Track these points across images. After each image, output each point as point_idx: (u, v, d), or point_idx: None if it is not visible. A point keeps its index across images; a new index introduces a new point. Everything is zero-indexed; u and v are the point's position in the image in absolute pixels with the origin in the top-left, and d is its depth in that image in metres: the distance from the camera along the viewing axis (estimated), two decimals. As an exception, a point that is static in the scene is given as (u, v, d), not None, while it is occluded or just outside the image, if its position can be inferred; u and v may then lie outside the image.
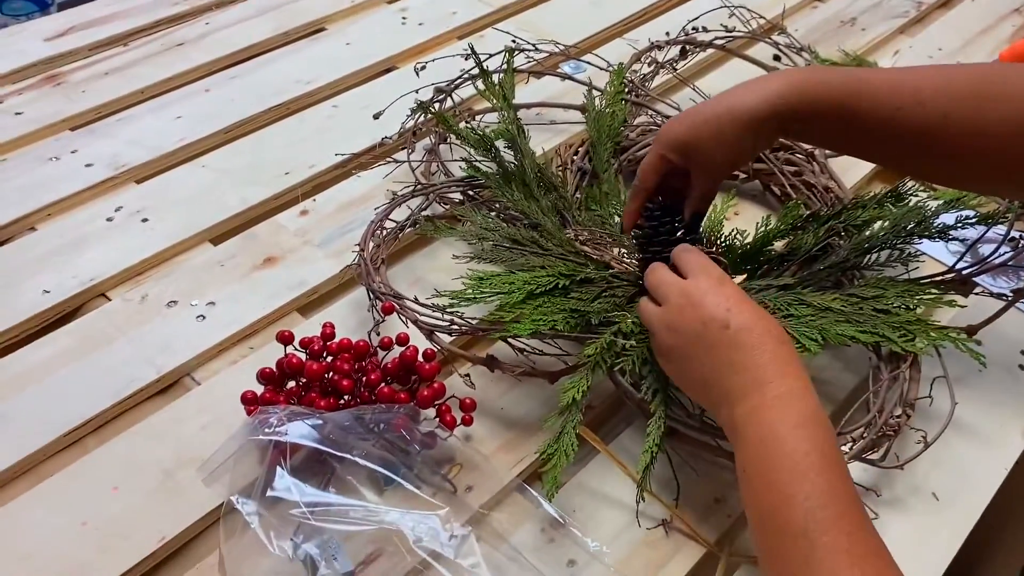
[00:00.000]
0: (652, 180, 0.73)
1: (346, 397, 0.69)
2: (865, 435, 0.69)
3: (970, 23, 1.30)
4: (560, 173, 0.93)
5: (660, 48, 1.09)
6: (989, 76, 0.65)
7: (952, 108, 0.63)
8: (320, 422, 0.59)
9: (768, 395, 0.56)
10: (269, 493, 0.55)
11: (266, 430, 0.57)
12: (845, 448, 0.68)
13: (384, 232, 0.84)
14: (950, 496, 0.71)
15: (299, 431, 0.58)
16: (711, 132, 0.69)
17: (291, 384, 0.70)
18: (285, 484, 0.55)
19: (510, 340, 0.74)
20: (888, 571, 0.50)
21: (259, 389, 0.70)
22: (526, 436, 0.74)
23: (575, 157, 0.96)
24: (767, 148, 0.93)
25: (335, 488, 0.62)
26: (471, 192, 0.91)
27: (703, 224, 0.80)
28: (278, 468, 0.55)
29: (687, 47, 1.09)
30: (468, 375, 0.74)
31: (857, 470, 0.70)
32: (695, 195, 0.74)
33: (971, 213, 0.81)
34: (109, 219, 0.93)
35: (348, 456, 0.58)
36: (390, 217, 0.86)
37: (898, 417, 0.70)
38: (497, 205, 0.89)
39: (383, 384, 0.69)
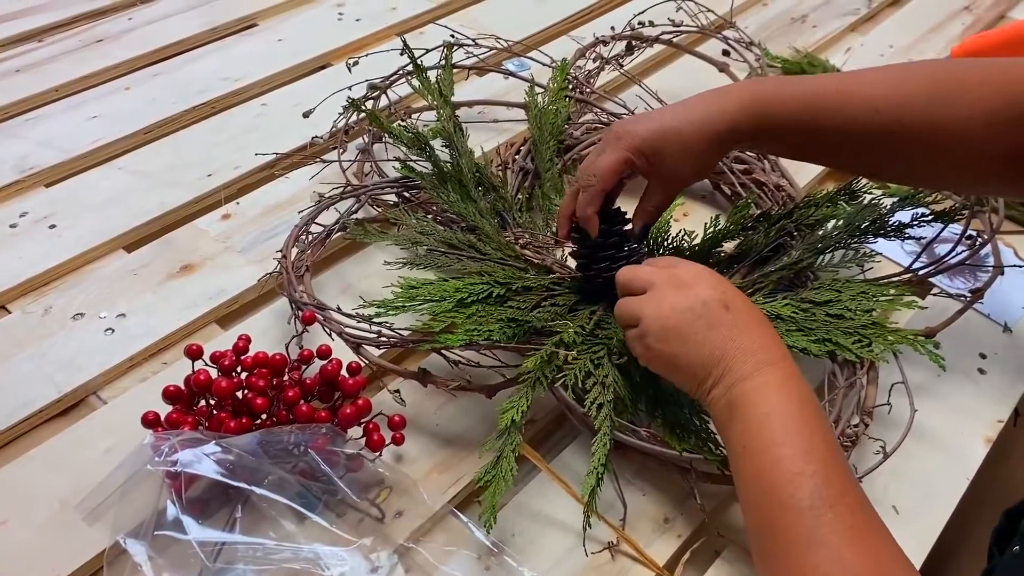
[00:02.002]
0: (612, 182, 0.69)
1: (263, 416, 0.63)
2: (821, 447, 0.65)
3: (921, 21, 1.29)
4: (500, 173, 0.88)
5: (605, 43, 1.05)
6: (940, 75, 0.64)
7: (906, 112, 0.63)
8: (219, 448, 0.53)
9: (773, 375, 0.56)
10: (158, 532, 0.48)
11: (156, 459, 0.50)
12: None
13: (310, 237, 0.78)
14: (911, 509, 0.67)
15: (196, 459, 0.51)
16: (677, 141, 0.67)
17: (203, 403, 0.64)
18: (177, 520, 0.49)
19: (444, 352, 0.68)
20: (889, 549, 0.49)
21: (166, 409, 0.63)
22: (463, 454, 0.69)
23: (517, 156, 0.91)
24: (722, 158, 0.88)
25: (248, 520, 0.56)
26: (407, 194, 0.86)
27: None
28: (169, 503, 0.49)
29: (633, 42, 1.05)
30: (398, 391, 0.68)
31: (813, 484, 0.66)
32: (650, 205, 0.71)
33: (927, 211, 0.77)
34: (12, 225, 0.86)
35: (254, 486, 0.52)
36: (318, 221, 0.80)
37: (856, 427, 0.66)
38: (434, 208, 0.84)
39: (302, 402, 0.63)
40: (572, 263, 0.75)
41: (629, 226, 0.71)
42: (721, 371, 0.57)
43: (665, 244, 0.78)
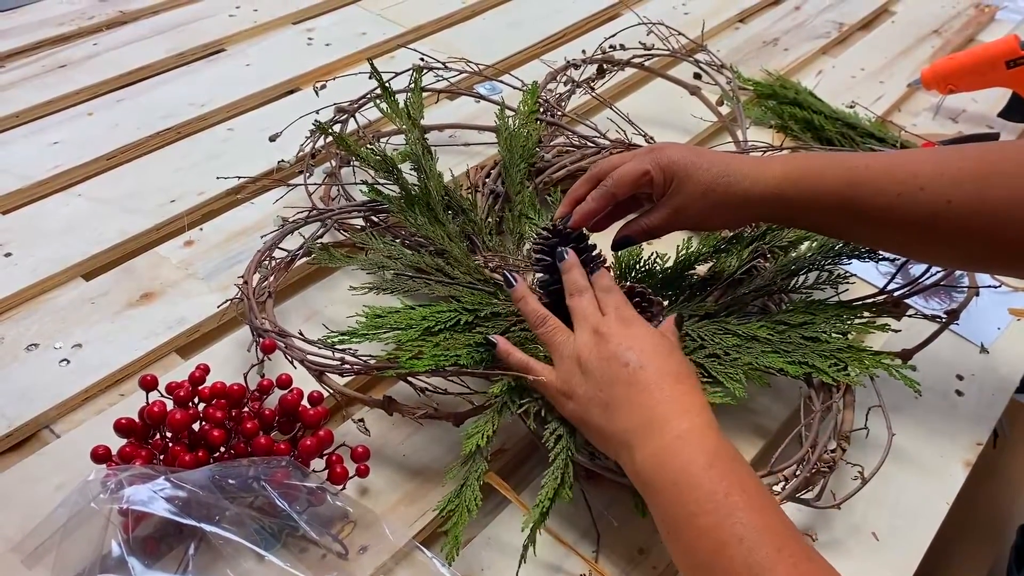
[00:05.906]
0: (625, 190, 0.68)
1: (220, 449, 0.61)
2: (798, 472, 0.63)
3: (891, 44, 1.29)
4: (470, 196, 0.87)
5: (576, 67, 1.04)
6: (990, 156, 0.62)
7: (954, 191, 0.61)
8: (170, 483, 0.50)
9: (668, 435, 0.54)
10: (102, 574, 0.46)
11: (101, 496, 0.48)
12: (777, 488, 0.63)
13: (273, 262, 0.76)
14: (891, 535, 0.66)
15: (145, 495, 0.49)
16: (704, 184, 0.66)
17: (157, 437, 0.62)
18: (122, 562, 0.46)
19: (410, 379, 0.66)
20: None
21: (120, 443, 0.61)
22: (431, 486, 0.67)
23: (487, 179, 0.90)
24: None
25: (202, 560, 0.53)
26: (374, 218, 0.84)
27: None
28: (114, 543, 0.46)
29: (604, 66, 1.04)
30: (362, 420, 0.66)
31: (791, 511, 0.64)
32: (645, 221, 0.69)
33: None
34: (-34, 254, 0.83)
35: (209, 523, 0.49)
36: (282, 246, 0.78)
37: (833, 451, 0.65)
38: (403, 232, 0.82)
39: (260, 434, 0.60)
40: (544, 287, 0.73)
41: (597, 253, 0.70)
42: (622, 432, 0.56)
43: (637, 268, 0.76)
